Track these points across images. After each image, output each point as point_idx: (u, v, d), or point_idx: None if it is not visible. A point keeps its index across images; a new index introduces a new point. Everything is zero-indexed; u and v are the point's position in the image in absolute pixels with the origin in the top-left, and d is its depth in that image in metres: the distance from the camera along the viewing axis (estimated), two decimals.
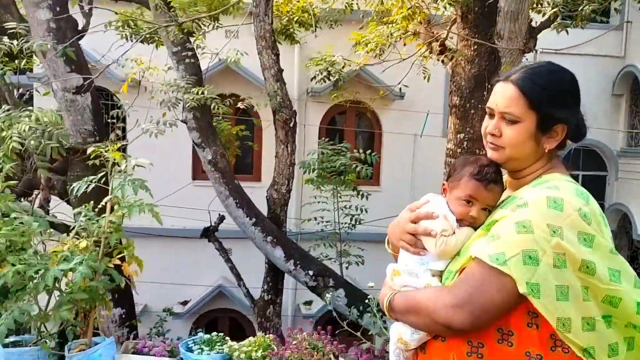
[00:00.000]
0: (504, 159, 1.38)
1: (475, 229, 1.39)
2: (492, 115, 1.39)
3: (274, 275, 5.92)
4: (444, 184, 1.47)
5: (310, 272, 5.48)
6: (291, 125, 5.67)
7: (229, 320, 10.55)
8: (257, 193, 7.39)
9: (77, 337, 2.48)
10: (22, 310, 2.15)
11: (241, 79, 9.56)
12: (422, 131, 8.70)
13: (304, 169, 5.73)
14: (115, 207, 2.51)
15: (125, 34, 6.10)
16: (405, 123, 10.59)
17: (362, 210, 6.19)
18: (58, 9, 4.44)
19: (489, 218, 1.36)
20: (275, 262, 5.60)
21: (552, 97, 1.33)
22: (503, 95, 1.35)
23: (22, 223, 2.41)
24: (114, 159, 2.57)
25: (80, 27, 4.83)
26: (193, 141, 5.29)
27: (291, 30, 6.37)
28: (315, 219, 6.31)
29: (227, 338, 2.66)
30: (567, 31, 5.14)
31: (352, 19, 7.12)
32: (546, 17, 5.53)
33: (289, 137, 5.68)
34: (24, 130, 3.61)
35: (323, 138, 8.29)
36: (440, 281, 1.38)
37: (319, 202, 6.25)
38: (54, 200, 5.15)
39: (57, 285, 2.31)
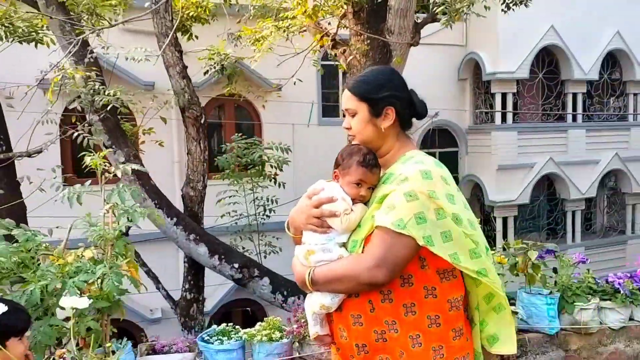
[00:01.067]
0: (361, 144, 1.75)
1: (365, 204, 1.73)
2: (344, 115, 1.81)
3: (195, 273, 5.94)
4: (335, 172, 1.77)
5: (236, 265, 5.62)
6: (202, 121, 5.71)
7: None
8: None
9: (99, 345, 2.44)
10: (50, 323, 2.10)
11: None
12: (309, 120, 9.16)
13: (221, 164, 5.79)
14: (116, 214, 2.50)
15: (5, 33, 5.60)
16: (282, 113, 10.95)
17: (273, 201, 6.43)
18: None
19: (379, 192, 1.68)
20: (199, 260, 5.63)
21: (373, 88, 1.72)
22: (344, 97, 1.78)
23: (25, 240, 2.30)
24: (106, 166, 2.54)
25: None
26: (103, 144, 5.08)
27: (188, 25, 6.33)
28: (229, 213, 6.40)
29: (238, 327, 2.79)
30: (451, 26, 5.84)
31: (229, 13, 7.22)
32: (429, 14, 6.21)
33: (200, 134, 5.72)
34: None
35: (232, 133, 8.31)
36: (347, 250, 1.69)
37: (230, 196, 6.35)
38: None
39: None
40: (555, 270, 2.99)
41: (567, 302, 2.86)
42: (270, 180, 6.12)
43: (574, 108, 12.83)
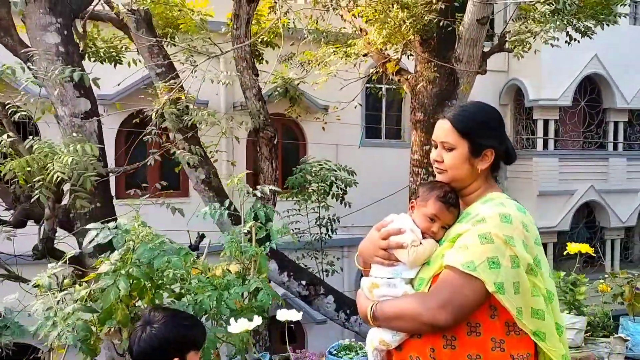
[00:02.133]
0: (448, 179, 1.69)
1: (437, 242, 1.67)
2: (436, 146, 1.71)
3: None
4: (412, 202, 1.75)
5: (303, 282, 5.77)
6: (275, 142, 5.91)
7: None
8: (187, 209, 7.44)
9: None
10: (215, 332, 2.28)
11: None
12: (360, 142, 9.31)
13: (291, 183, 5.98)
14: (257, 231, 2.68)
15: (88, 54, 5.90)
16: (326, 134, 11.16)
17: (336, 220, 6.60)
18: (65, 32, 4.27)
19: (452, 231, 1.63)
20: (269, 275, 5.79)
21: (478, 127, 1.66)
22: (441, 129, 1.68)
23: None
24: (244, 184, 2.73)
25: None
26: (187, 162, 5.30)
27: (260, 49, 6.59)
28: (292, 230, 6.57)
29: (360, 343, 2.94)
30: (521, 55, 6.02)
31: (287, 36, 7.47)
32: (496, 43, 6.40)
33: (272, 154, 5.92)
34: (67, 163, 3.53)
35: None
36: (413, 288, 1.63)
37: (294, 214, 6.52)
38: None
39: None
40: None
41: None
42: (337, 200, 6.29)
43: (615, 136, 12.85)
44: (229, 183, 2.77)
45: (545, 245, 12.41)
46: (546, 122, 12.14)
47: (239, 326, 2.08)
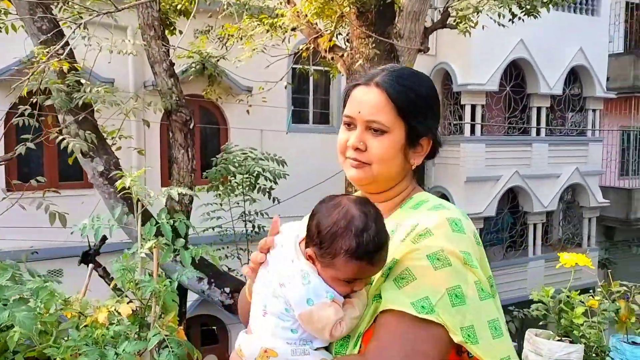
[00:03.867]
0: (370, 178, 1.16)
1: None
2: (351, 126, 1.17)
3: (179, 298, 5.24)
4: (307, 253, 1.11)
5: (227, 290, 4.99)
6: (190, 126, 5.04)
7: None
8: (91, 202, 6.42)
9: None
10: None
11: None
12: (287, 127, 8.56)
13: (211, 177, 5.14)
14: (160, 253, 1.89)
15: None
16: (251, 118, 10.32)
17: (262, 215, 5.83)
18: None
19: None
20: (185, 284, 4.96)
21: (421, 104, 1.16)
22: (370, 102, 1.14)
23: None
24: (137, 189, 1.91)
25: None
26: (80, 150, 4.33)
27: (172, 19, 5.64)
28: (213, 229, 5.74)
29: None
30: (469, 33, 5.49)
31: (205, 9, 6.58)
32: (439, 19, 5.84)
33: (188, 141, 5.06)
34: None
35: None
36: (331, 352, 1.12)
37: (214, 210, 5.70)
38: None
39: None
40: None
41: None
42: (265, 195, 5.52)
43: (538, 122, 12.95)
44: (120, 183, 1.94)
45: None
46: (473, 107, 11.99)
47: None
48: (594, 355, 2.48)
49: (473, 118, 12.01)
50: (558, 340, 2.34)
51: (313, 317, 1.06)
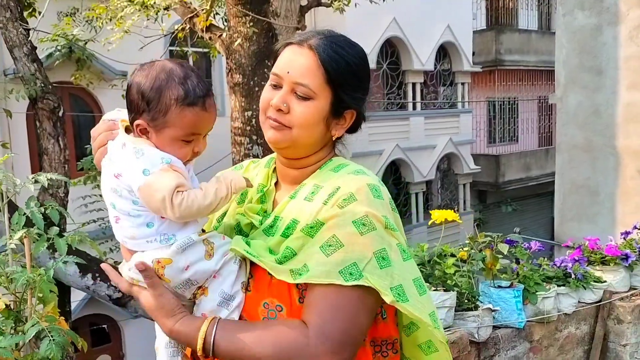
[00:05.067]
0: (288, 142, 1.13)
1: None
2: (277, 86, 1.13)
3: (60, 297, 4.93)
4: (137, 124, 1.07)
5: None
6: (59, 114, 4.72)
7: None
8: None
9: None
10: None
11: None
12: None
13: (86, 166, 4.86)
14: (33, 244, 1.77)
15: None
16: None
17: None
18: None
19: (300, 216, 1.10)
20: (67, 281, 4.68)
21: (351, 75, 1.14)
22: (300, 63, 1.11)
23: None
24: None
25: None
26: None
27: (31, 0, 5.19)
28: (95, 220, 5.45)
29: None
30: (343, 10, 5.62)
31: None
32: None
33: (58, 129, 4.73)
34: None
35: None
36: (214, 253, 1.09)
37: (93, 202, 5.41)
38: None
39: None
40: (517, 261, 2.94)
41: (529, 293, 2.83)
42: None
43: (414, 97, 13.68)
44: None
45: None
46: None
47: None
48: (466, 301, 2.72)
49: None
50: (434, 290, 2.54)
51: (152, 188, 1.00)
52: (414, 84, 13.55)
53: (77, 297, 8.28)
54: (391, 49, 13.06)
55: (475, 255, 2.80)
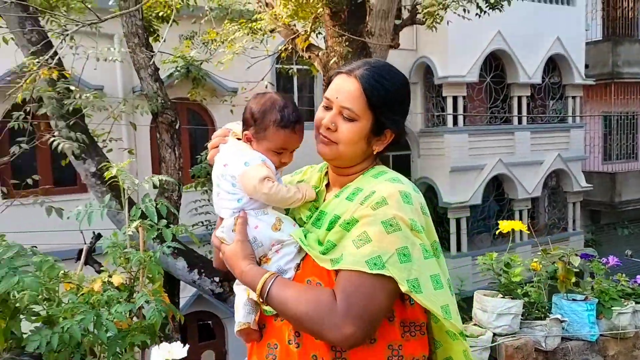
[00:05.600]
0: (334, 154, 1.36)
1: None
2: (328, 108, 1.36)
3: (170, 290, 5.54)
4: (245, 134, 1.44)
5: (216, 279, 5.29)
6: (176, 127, 5.35)
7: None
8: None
9: None
10: None
11: None
12: None
13: (196, 172, 5.44)
14: (146, 232, 2.18)
15: None
16: (237, 118, 10.58)
17: None
18: None
19: (343, 211, 1.32)
20: (177, 275, 5.27)
21: (391, 101, 1.34)
22: (346, 90, 1.32)
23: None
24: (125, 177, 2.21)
25: None
26: (72, 153, 4.63)
27: (155, 25, 5.93)
28: (202, 222, 6.04)
29: None
30: (435, 28, 5.80)
31: (189, 14, 6.88)
32: (408, 16, 6.15)
33: (174, 140, 5.36)
34: None
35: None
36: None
37: (202, 206, 5.99)
38: None
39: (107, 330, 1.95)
40: (592, 275, 2.95)
41: (604, 307, 2.83)
42: None
43: (519, 111, 13.28)
44: (108, 173, 2.25)
45: (458, 220, 12.67)
46: (455, 99, 12.30)
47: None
48: (536, 311, 2.80)
49: (455, 109, 12.33)
50: (501, 298, 2.65)
51: (248, 175, 1.36)
52: (519, 97, 13.17)
53: (186, 293, 9.05)
54: (495, 62, 12.82)
55: (547, 267, 2.86)
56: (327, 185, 1.51)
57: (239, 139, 1.48)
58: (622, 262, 2.92)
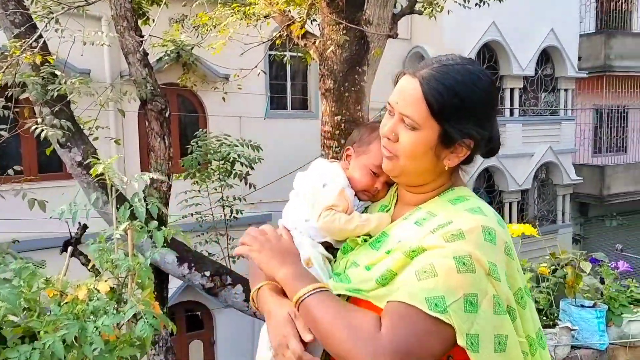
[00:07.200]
0: (397, 171, 1.17)
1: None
2: (392, 113, 1.16)
3: (158, 283, 5.38)
4: (347, 149, 1.35)
5: (207, 274, 5.14)
6: (166, 115, 5.14)
7: None
8: (72, 192, 6.50)
9: None
10: None
11: None
12: (265, 113, 8.65)
13: (187, 164, 5.25)
14: (135, 235, 2.02)
15: None
16: (229, 105, 10.38)
17: (241, 200, 5.96)
18: None
19: (409, 238, 1.13)
20: (166, 269, 5.10)
21: (462, 107, 1.10)
22: (405, 94, 1.12)
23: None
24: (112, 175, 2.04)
25: None
26: (57, 141, 4.42)
27: (145, 8, 5.69)
28: (192, 214, 5.87)
29: None
30: (435, 17, 5.64)
31: None
32: (407, 5, 5.97)
33: (164, 129, 5.14)
34: None
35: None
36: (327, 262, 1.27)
37: (192, 197, 5.82)
38: None
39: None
40: (602, 281, 2.84)
41: (614, 314, 2.73)
42: (241, 180, 5.65)
43: (511, 103, 13.21)
44: (94, 171, 2.07)
45: None
46: None
47: None
48: (544, 317, 2.68)
49: None
50: None
51: (318, 195, 1.28)
52: (512, 90, 13.09)
53: (175, 284, 8.89)
54: (489, 53, 12.70)
55: (556, 272, 2.75)
56: (397, 203, 1.30)
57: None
58: (632, 267, 2.81)
